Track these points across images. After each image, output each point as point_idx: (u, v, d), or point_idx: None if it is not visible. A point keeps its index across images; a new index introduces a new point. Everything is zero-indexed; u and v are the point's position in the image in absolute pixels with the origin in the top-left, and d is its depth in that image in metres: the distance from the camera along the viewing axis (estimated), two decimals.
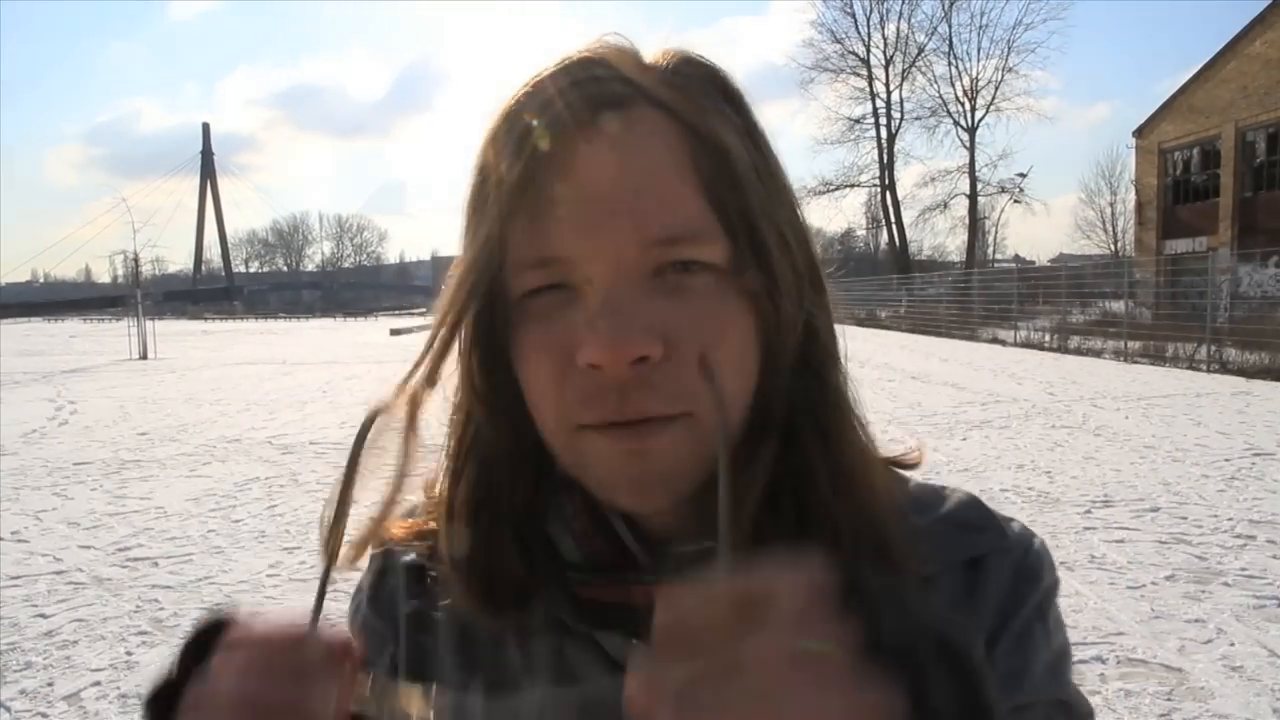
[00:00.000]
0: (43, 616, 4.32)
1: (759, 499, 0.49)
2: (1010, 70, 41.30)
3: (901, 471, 0.59)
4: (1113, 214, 53.49)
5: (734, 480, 0.48)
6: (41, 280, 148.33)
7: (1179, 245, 26.34)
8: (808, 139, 59.97)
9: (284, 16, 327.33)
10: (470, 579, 0.53)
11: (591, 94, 0.47)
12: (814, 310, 0.52)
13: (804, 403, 0.51)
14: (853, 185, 45.60)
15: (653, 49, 0.51)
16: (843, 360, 0.55)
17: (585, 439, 0.47)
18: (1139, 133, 28.78)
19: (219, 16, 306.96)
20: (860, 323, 31.45)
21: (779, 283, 0.49)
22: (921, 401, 11.14)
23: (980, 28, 52.92)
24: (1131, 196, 31.17)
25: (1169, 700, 3.23)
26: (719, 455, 0.41)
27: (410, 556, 0.60)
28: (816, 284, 0.53)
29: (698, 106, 0.48)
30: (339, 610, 0.58)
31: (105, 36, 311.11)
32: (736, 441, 0.48)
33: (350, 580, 0.64)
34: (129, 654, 3.86)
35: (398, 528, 0.59)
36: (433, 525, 0.57)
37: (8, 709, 3.36)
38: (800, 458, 0.50)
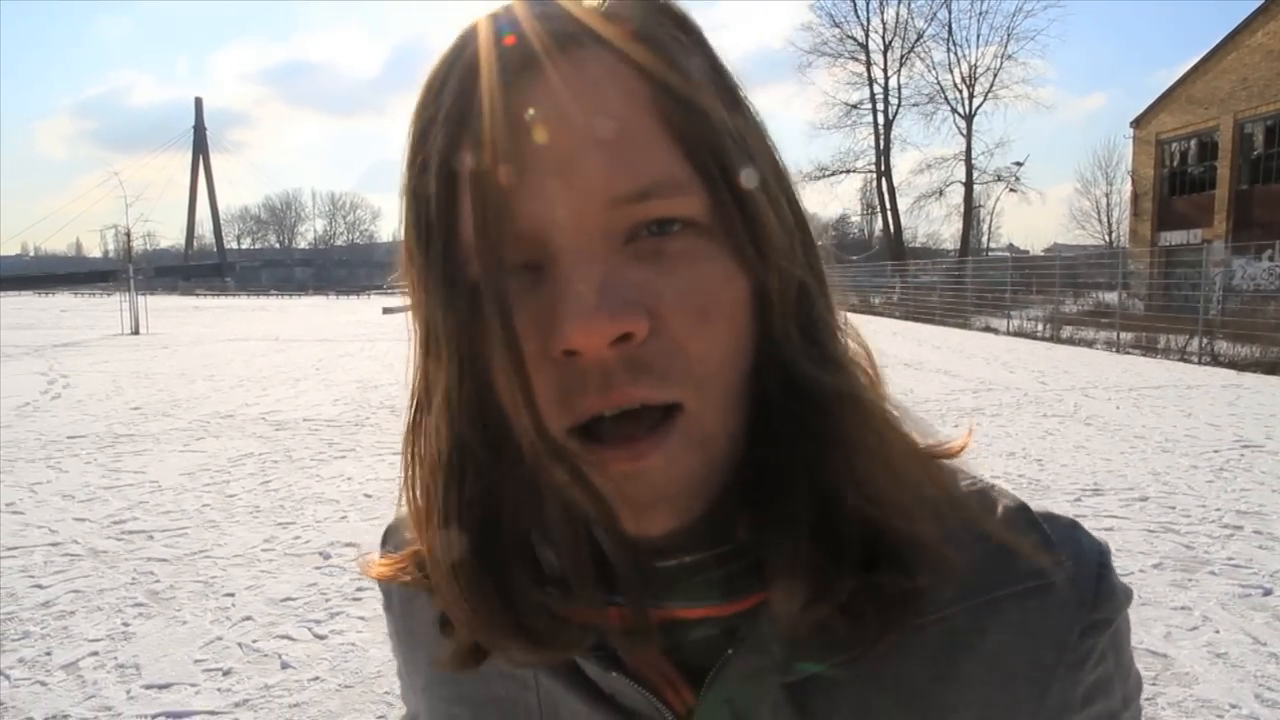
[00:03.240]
0: (39, 587, 4.34)
1: (754, 496, 0.44)
2: (1009, 58, 41.27)
3: (949, 463, 0.50)
4: (1108, 204, 53.71)
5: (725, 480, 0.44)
6: (32, 254, 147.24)
7: (1174, 237, 26.42)
8: (804, 124, 59.96)
9: None
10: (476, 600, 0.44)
11: (528, 40, 0.40)
12: (808, 268, 0.45)
13: (805, 378, 0.43)
14: (848, 171, 45.57)
15: None
16: (843, 330, 0.47)
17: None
18: (1137, 123, 28.80)
19: None
20: (853, 308, 31.41)
21: (769, 236, 0.42)
22: (914, 388, 11.18)
23: (980, 14, 53.13)
24: (1127, 187, 31.25)
25: (1154, 685, 3.28)
26: None
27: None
28: (807, 238, 0.45)
29: (654, 41, 0.41)
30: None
31: (94, 7, 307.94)
32: (729, 428, 0.43)
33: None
34: (125, 625, 3.88)
35: (387, 564, 0.53)
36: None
37: (7, 677, 3.37)
38: (804, 443, 0.43)
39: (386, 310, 37.55)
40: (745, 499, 0.44)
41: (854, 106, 44.09)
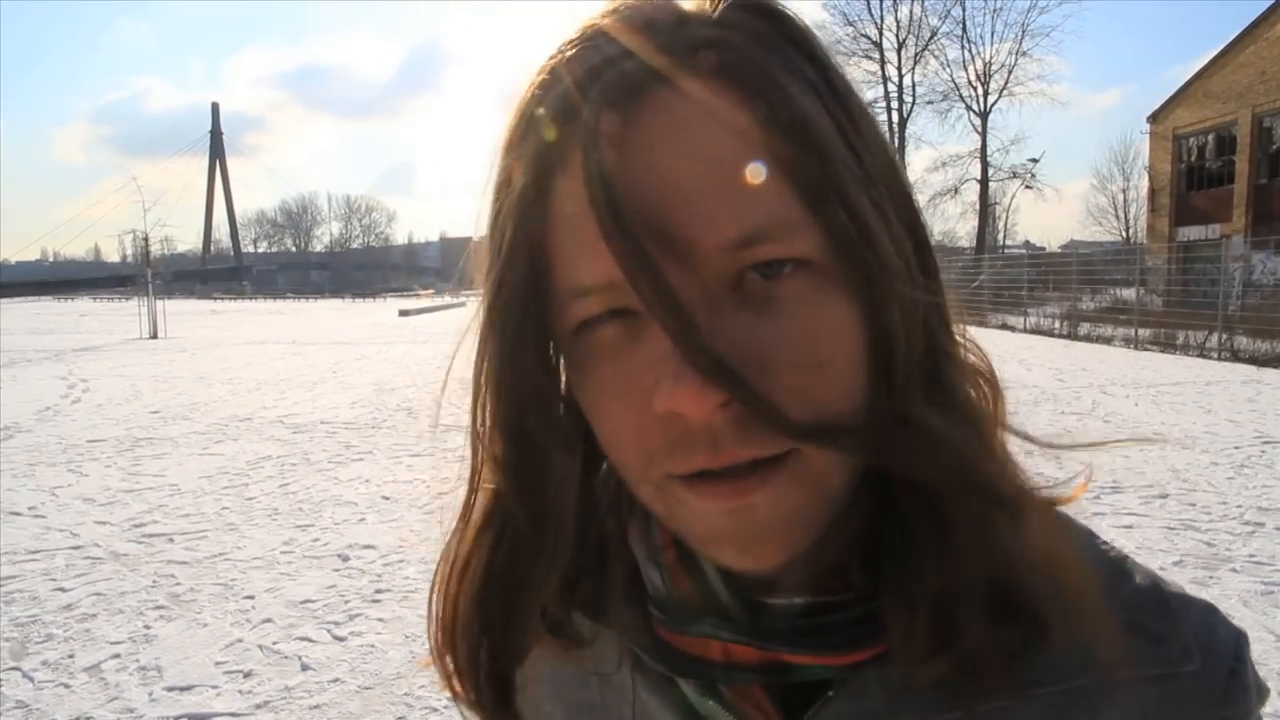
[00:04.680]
0: (61, 590, 4.38)
1: (874, 540, 0.42)
2: (1024, 54, 40.95)
3: (1081, 525, 0.47)
4: (1125, 200, 53.30)
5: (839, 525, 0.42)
6: (51, 259, 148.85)
7: (1192, 232, 26.16)
8: None
9: None
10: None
11: (617, 78, 0.37)
12: (929, 295, 0.41)
13: (926, 418, 0.40)
14: None
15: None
16: (964, 350, 0.44)
17: (677, 493, 0.39)
18: (1153, 118, 28.53)
19: None
20: None
21: (889, 268, 0.38)
22: None
23: (994, 11, 52.62)
24: (1144, 183, 30.98)
25: None
26: None
27: None
28: (927, 261, 0.42)
29: (759, 65, 0.38)
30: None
31: (111, 13, 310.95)
32: (846, 469, 0.40)
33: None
34: (147, 628, 3.91)
35: None
36: None
37: (31, 679, 3.41)
38: (927, 489, 0.40)
39: (403, 313, 37.75)
40: (864, 543, 0.42)
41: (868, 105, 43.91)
